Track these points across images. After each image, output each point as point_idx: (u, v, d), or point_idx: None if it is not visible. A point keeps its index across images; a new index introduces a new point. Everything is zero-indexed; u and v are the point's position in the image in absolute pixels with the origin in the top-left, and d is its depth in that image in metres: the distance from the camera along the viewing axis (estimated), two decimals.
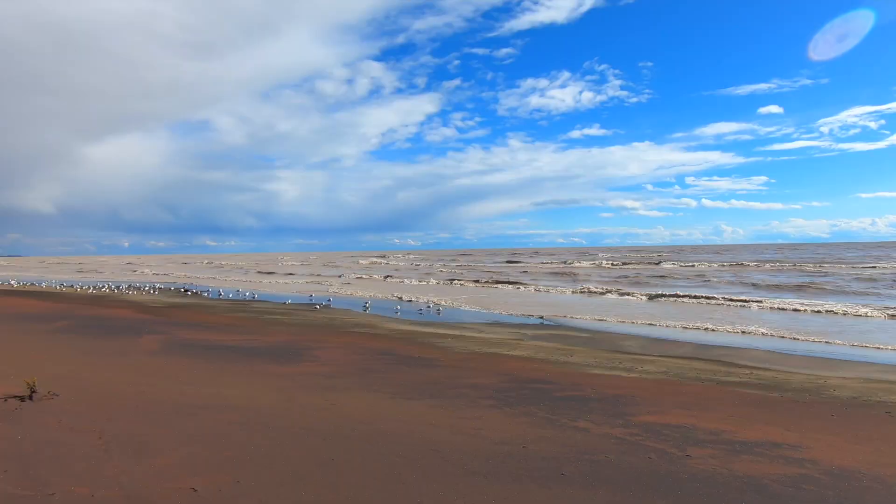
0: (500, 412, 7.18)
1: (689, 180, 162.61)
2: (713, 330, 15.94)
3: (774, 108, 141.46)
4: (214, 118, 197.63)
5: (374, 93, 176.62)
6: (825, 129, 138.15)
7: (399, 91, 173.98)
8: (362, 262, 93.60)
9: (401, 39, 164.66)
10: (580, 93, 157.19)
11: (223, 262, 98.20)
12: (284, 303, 25.06)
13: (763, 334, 15.07)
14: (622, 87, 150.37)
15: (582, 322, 18.28)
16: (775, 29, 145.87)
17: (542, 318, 19.12)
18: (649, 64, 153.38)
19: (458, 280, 42.37)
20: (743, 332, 15.38)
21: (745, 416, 7.13)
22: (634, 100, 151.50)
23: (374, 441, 5.82)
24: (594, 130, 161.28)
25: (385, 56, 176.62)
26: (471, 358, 11.49)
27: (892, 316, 17.85)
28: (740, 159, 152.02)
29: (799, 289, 29.18)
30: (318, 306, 23.39)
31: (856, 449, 5.87)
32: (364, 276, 50.13)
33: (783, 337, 14.66)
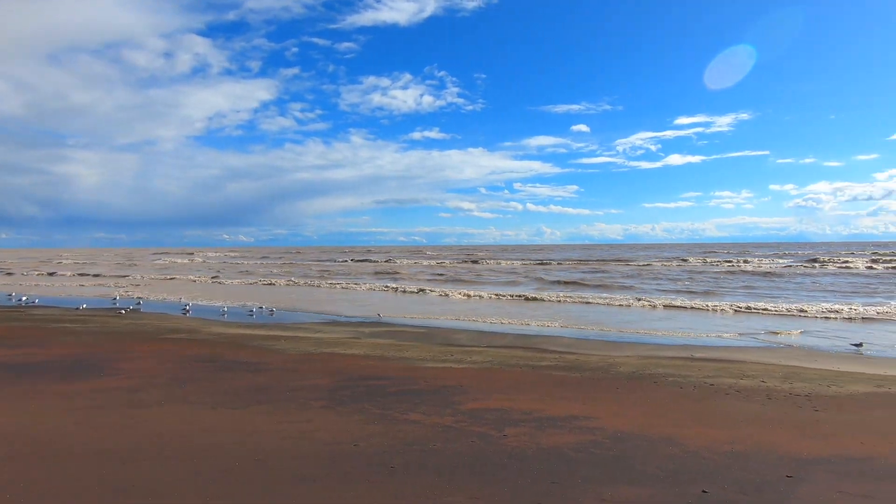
0: (332, 412, 7.06)
1: (516, 186, 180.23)
2: (527, 324, 17.82)
3: (583, 127, 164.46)
4: None
5: (199, 71, 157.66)
6: (620, 149, 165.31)
7: (229, 73, 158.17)
8: (176, 259, 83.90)
9: (231, 16, 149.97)
10: (421, 96, 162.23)
11: None
12: (78, 308, 21.19)
13: (563, 325, 17.33)
14: (459, 95, 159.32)
15: (417, 319, 18.93)
16: (587, 57, 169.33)
17: (379, 315, 19.32)
18: (483, 76, 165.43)
19: (286, 278, 40.54)
20: (551, 324, 17.50)
21: (552, 395, 8.12)
22: (470, 108, 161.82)
23: (190, 457, 5.27)
24: (434, 133, 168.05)
25: (212, 32, 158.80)
26: (305, 359, 11.09)
27: (668, 307, 22.03)
28: (557, 169, 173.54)
29: (595, 285, 34.21)
30: (123, 311, 20.27)
31: (632, 414, 7.11)
32: (179, 277, 44.95)
33: (582, 327, 17.06)
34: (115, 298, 25.67)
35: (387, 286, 32.76)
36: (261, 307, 21.72)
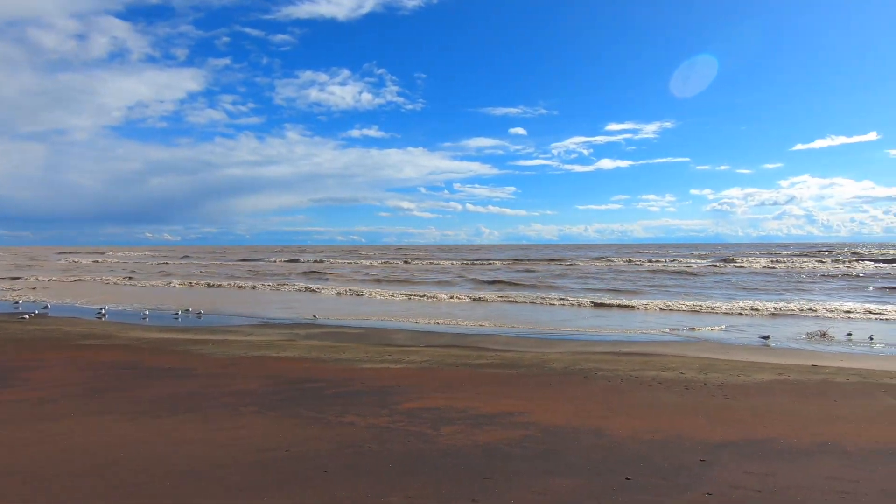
0: (264, 418, 6.83)
1: (456, 186, 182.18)
2: (464, 323, 18.07)
3: (520, 130, 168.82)
4: None
5: (117, 56, 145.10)
6: (555, 152, 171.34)
7: (152, 60, 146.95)
8: (81, 260, 77.93)
9: (154, 0, 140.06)
10: (360, 93, 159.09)
11: None
12: None
13: (499, 324, 17.75)
14: (399, 94, 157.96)
15: (354, 320, 18.68)
16: (524, 62, 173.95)
17: (314, 316, 18.87)
18: (423, 76, 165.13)
19: (213, 279, 38.70)
20: (488, 323, 17.85)
21: (489, 393, 8.29)
22: (410, 107, 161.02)
23: (107, 473, 4.92)
24: (373, 132, 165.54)
25: (132, 16, 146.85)
26: (235, 363, 10.63)
27: (596, 305, 23.04)
28: (495, 171, 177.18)
29: (530, 285, 35.20)
30: (27, 316, 18.51)
31: (564, 408, 7.40)
32: (88, 278, 41.74)
33: (518, 325, 17.53)
34: (17, 302, 23.42)
35: (318, 287, 32.01)
36: (187, 310, 20.57)
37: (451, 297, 25.93)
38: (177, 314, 19.46)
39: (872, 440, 5.99)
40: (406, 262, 69.89)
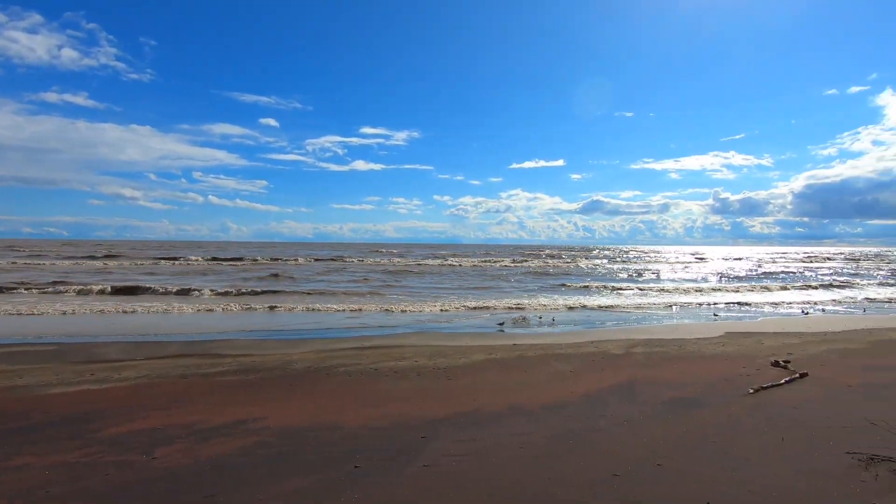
0: None
1: (196, 175, 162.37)
2: (198, 330, 16.31)
3: (273, 122, 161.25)
4: None
5: None
6: (310, 149, 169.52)
7: None
8: None
9: None
10: (59, 47, 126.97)
11: None
12: None
13: (243, 328, 16.64)
14: (118, 58, 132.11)
15: (48, 335, 14.83)
16: (278, 50, 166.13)
17: None
18: (153, 42, 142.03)
19: None
20: (228, 327, 16.48)
21: (221, 403, 7.60)
22: (135, 76, 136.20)
23: None
24: (81, 99, 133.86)
25: None
26: None
27: (353, 308, 23.43)
28: (244, 162, 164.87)
29: (276, 291, 33.94)
30: None
31: (303, 407, 7.31)
32: None
33: (263, 328, 16.67)
34: None
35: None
36: None
37: (189, 306, 22.97)
38: None
39: (545, 399, 7.67)
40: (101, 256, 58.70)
